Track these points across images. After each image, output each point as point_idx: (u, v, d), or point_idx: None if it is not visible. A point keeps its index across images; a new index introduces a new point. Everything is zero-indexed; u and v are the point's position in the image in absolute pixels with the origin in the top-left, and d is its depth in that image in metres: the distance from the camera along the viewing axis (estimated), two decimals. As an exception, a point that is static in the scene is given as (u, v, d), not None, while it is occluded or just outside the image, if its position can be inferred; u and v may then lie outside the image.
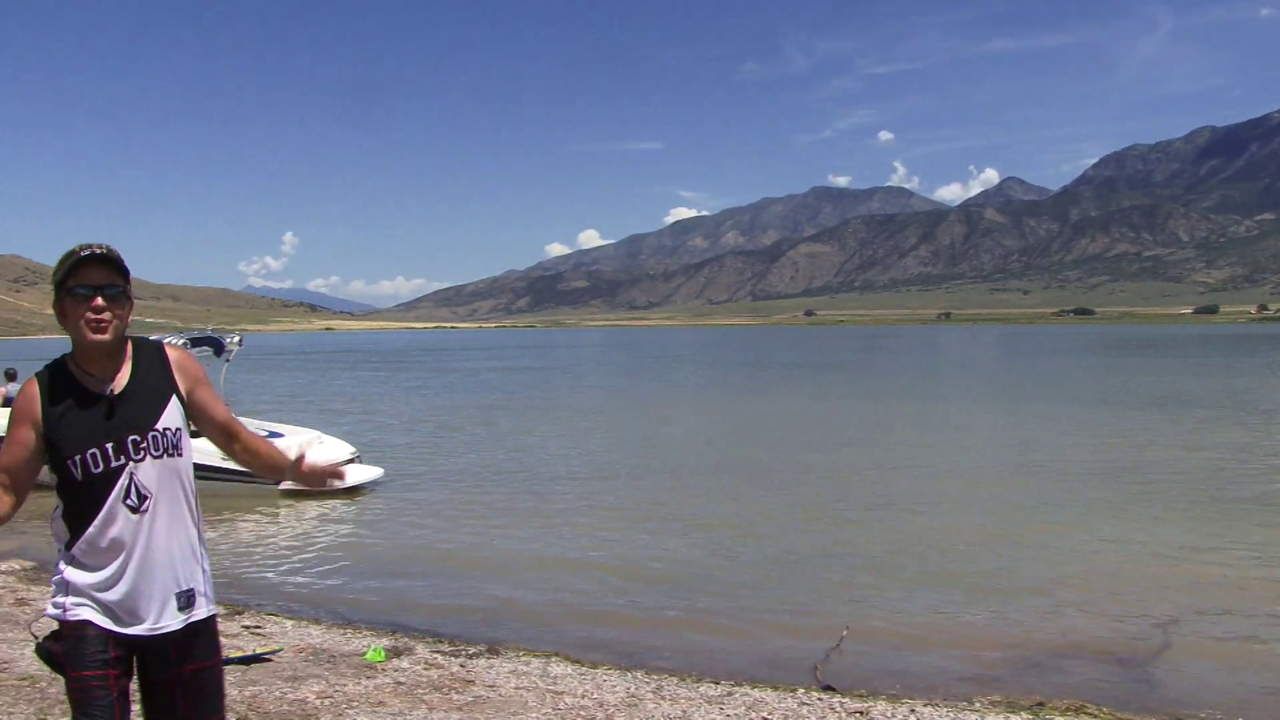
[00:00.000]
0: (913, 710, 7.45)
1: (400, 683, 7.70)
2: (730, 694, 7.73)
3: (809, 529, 15.69)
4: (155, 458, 3.55)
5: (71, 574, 3.51)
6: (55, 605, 3.55)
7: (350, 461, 19.71)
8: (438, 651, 8.90)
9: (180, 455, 3.64)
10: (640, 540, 14.97)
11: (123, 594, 3.48)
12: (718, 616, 11.00)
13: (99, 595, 3.48)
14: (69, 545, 3.54)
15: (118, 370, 3.61)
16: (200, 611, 3.66)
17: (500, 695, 7.44)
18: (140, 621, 3.50)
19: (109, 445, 3.49)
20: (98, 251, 3.52)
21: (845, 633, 9.93)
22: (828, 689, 8.20)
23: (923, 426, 30.36)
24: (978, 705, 7.85)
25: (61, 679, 3.55)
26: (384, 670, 8.08)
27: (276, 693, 7.25)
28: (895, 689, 8.31)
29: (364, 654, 8.57)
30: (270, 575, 13.19)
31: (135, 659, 3.57)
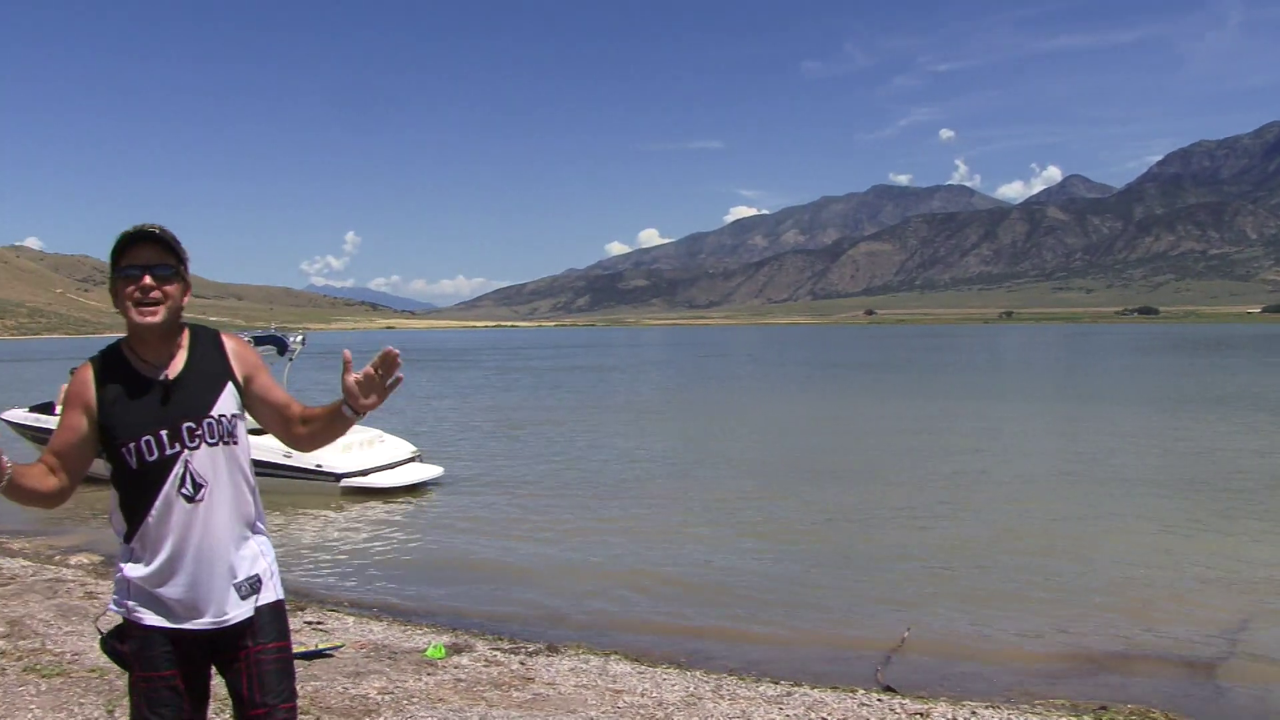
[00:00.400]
0: (974, 712, 7.38)
1: (460, 679, 7.73)
2: (789, 694, 7.70)
3: (869, 532, 15.58)
4: (210, 445, 3.44)
5: (131, 569, 3.42)
6: (117, 604, 3.47)
7: (411, 460, 19.85)
8: (497, 649, 8.93)
9: (236, 443, 3.53)
10: (699, 541, 14.93)
11: (183, 586, 3.38)
12: (777, 618, 10.96)
13: (160, 590, 3.39)
14: (127, 538, 3.45)
15: (172, 355, 3.51)
16: (267, 595, 3.58)
17: (560, 693, 7.45)
18: (201, 615, 3.41)
19: (163, 432, 3.39)
20: (149, 230, 3.41)
21: (906, 634, 9.87)
22: (888, 690, 8.16)
23: (984, 429, 30.05)
24: (1040, 708, 7.77)
25: (127, 673, 3.48)
26: (444, 667, 8.11)
27: (338, 688, 7.31)
28: (956, 691, 8.24)
29: (424, 651, 8.60)
30: (331, 572, 13.29)
31: (207, 647, 3.48)
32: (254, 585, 3.52)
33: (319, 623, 9.72)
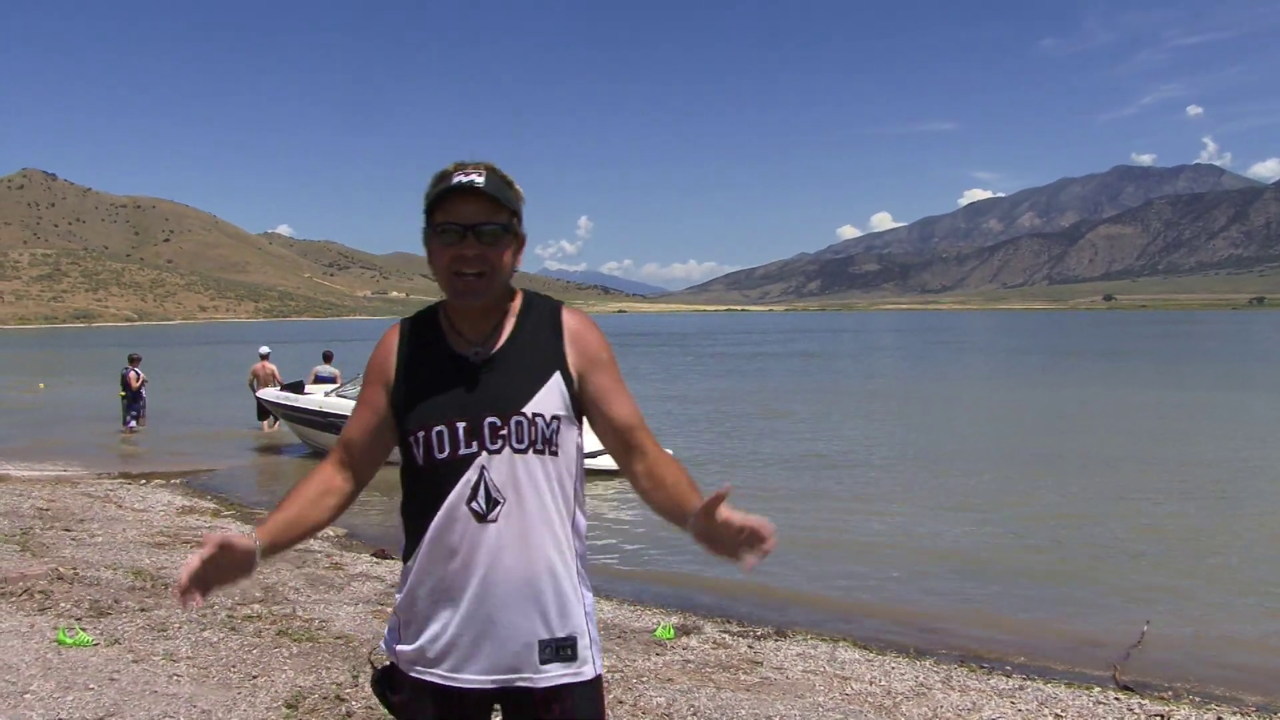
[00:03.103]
0: (1219, 718, 7.07)
1: (689, 661, 7.79)
2: (1022, 687, 7.52)
3: (1107, 524, 14.97)
4: (518, 451, 2.67)
5: (408, 597, 2.74)
6: (387, 645, 2.82)
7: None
8: (725, 632, 8.97)
9: (556, 454, 2.72)
10: (933, 528, 14.68)
11: (459, 628, 2.65)
12: (1010, 609, 10.70)
13: (432, 629, 2.68)
14: (407, 554, 2.77)
15: (494, 329, 2.80)
16: (585, 670, 2.73)
17: (787, 678, 7.45)
18: (486, 671, 2.66)
19: (460, 424, 2.66)
20: (472, 180, 2.67)
21: (1146, 629, 9.49)
22: (1125, 689, 7.87)
23: (1231, 420, 28.51)
24: (1293, 716, 7.39)
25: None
26: (672, 648, 8.19)
27: (570, 664, 7.45)
28: (1200, 694, 7.90)
29: (653, 631, 8.70)
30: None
31: (488, 710, 2.78)
32: (565, 650, 2.71)
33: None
